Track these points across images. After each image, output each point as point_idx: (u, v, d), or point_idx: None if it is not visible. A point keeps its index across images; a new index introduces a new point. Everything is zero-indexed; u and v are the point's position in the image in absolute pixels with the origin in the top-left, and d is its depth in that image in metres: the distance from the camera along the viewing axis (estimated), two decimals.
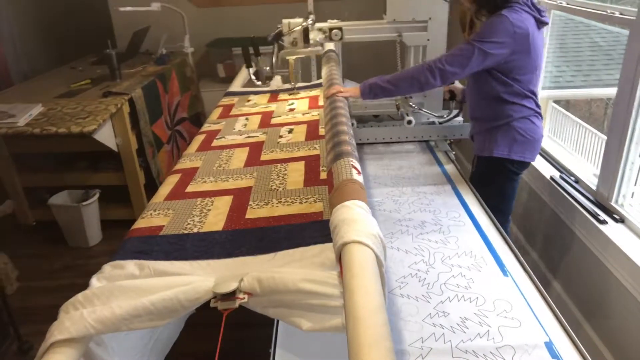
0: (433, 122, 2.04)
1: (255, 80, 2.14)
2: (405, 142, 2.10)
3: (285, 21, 1.91)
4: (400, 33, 1.89)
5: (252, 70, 2.11)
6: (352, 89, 1.69)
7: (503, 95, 1.59)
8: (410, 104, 1.96)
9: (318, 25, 1.92)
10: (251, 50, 2.23)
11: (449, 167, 1.88)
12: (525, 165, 1.69)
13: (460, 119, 2.06)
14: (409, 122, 1.89)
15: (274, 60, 1.96)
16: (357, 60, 3.56)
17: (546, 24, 1.55)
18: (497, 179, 1.70)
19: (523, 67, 1.55)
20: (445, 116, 2.01)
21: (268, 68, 2.27)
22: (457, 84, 2.00)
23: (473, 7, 1.59)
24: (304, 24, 1.87)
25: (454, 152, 1.99)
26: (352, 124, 1.95)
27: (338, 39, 1.91)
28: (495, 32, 1.47)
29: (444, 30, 1.87)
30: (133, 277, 0.97)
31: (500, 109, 1.61)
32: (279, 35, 1.89)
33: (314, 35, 1.90)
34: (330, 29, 1.91)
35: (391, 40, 1.97)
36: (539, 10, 1.53)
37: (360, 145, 2.07)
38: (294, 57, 2.01)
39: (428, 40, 1.89)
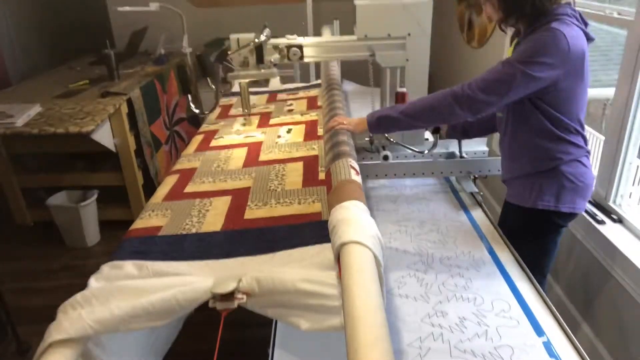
0: (453, 154, 1.72)
1: (194, 109, 1.84)
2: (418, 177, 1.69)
3: (233, 37, 1.58)
4: (372, 52, 1.55)
5: (190, 97, 1.84)
6: (356, 120, 1.44)
7: (550, 131, 1.28)
8: (387, 136, 1.64)
9: (273, 42, 1.60)
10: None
11: (478, 215, 1.52)
12: (573, 216, 1.38)
13: (484, 148, 1.76)
14: (385, 157, 1.58)
15: (218, 84, 1.71)
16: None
17: (593, 40, 1.27)
18: (538, 233, 1.39)
19: (573, 96, 1.26)
20: (426, 151, 1.66)
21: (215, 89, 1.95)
22: None
23: (497, 16, 1.30)
24: (257, 40, 1.55)
25: (481, 194, 1.64)
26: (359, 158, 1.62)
27: (297, 58, 1.59)
28: (547, 50, 1.17)
29: (426, 48, 1.53)
30: (131, 278, 0.97)
31: (545, 149, 1.31)
32: (223, 55, 1.67)
33: (269, 55, 1.60)
34: (288, 47, 1.59)
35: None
36: (585, 24, 1.26)
37: (367, 181, 1.70)
38: (245, 80, 1.71)
39: (407, 60, 1.55)
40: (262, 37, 1.56)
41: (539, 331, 1.02)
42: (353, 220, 0.93)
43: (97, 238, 2.75)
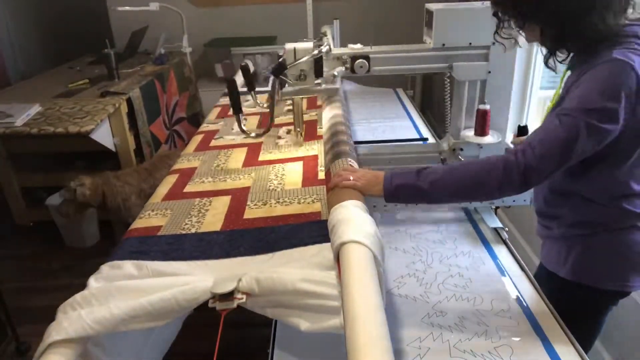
0: None
1: (248, 133, 1.43)
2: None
3: (289, 46, 1.37)
4: (450, 64, 1.36)
5: (242, 117, 1.38)
6: (370, 176, 1.10)
7: (600, 190, 1.04)
8: (461, 157, 1.44)
9: (335, 52, 1.38)
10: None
11: (504, 257, 1.30)
12: (624, 295, 1.12)
13: None
14: None
15: (275, 100, 1.36)
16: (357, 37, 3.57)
17: None
18: (576, 311, 1.11)
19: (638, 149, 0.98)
20: None
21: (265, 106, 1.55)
22: None
23: (544, 45, 1.02)
24: (316, 51, 1.33)
25: (506, 230, 1.40)
26: None
27: (364, 71, 1.36)
28: (612, 90, 0.89)
29: (511, 59, 1.35)
30: (131, 278, 0.97)
31: (601, 210, 1.05)
32: (281, 68, 1.33)
33: (330, 66, 1.38)
34: (353, 58, 1.35)
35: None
36: None
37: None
38: (301, 96, 1.49)
39: (489, 72, 1.35)
40: (324, 48, 1.34)
41: (538, 331, 1.02)
42: (353, 219, 0.93)
43: (97, 238, 2.75)
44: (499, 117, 1.41)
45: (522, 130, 1.47)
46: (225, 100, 2.33)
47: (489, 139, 1.37)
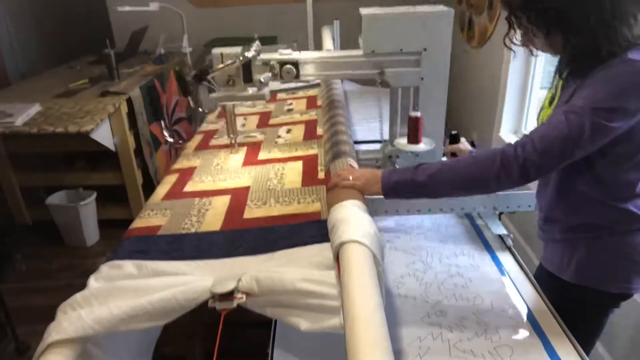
0: None
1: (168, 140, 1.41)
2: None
3: (216, 51, 1.37)
4: (382, 70, 1.32)
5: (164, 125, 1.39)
6: (369, 174, 1.10)
7: (607, 191, 1.02)
8: (396, 165, 1.40)
9: (263, 57, 1.36)
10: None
11: (509, 264, 1.26)
12: (626, 297, 1.11)
13: None
14: (390, 156, 1.40)
15: (197, 107, 1.37)
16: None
17: None
18: (577, 313, 1.09)
19: None
20: None
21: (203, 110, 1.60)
22: (465, 144, 1.46)
23: (561, 57, 1.01)
24: (245, 54, 1.31)
25: (511, 236, 1.38)
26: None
27: (291, 77, 1.34)
28: (623, 90, 0.88)
29: (445, 65, 1.31)
30: (131, 277, 0.97)
31: (598, 212, 1.04)
32: (203, 74, 1.30)
33: (258, 72, 1.34)
34: (281, 64, 1.34)
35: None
36: None
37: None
38: (230, 103, 1.47)
39: (422, 79, 1.31)
40: (251, 52, 1.32)
41: (538, 331, 1.02)
42: (352, 219, 0.93)
43: (97, 237, 2.76)
44: (434, 124, 1.35)
45: (454, 138, 1.47)
46: None
47: (422, 146, 1.32)
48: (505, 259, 1.29)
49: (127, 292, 0.90)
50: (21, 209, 2.84)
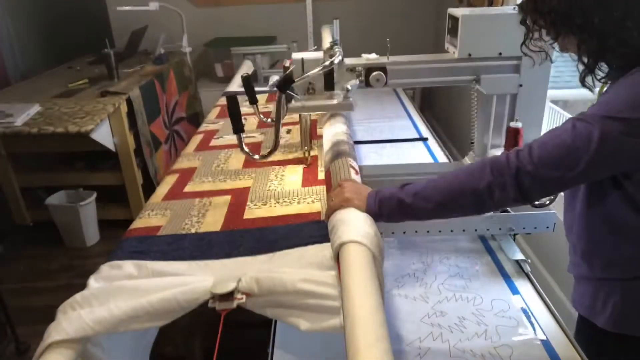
0: None
1: (251, 155, 1.26)
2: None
3: (296, 56, 1.21)
4: (477, 76, 1.22)
5: (243, 136, 1.21)
6: (359, 192, 0.99)
7: (637, 225, 0.86)
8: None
9: (348, 62, 1.23)
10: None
11: (528, 293, 1.15)
12: None
13: None
14: None
15: (281, 118, 1.20)
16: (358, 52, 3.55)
17: None
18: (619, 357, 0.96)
19: None
20: None
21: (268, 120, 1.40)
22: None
23: (582, 58, 0.85)
24: (327, 62, 1.15)
25: (528, 261, 1.25)
26: None
27: (381, 85, 1.22)
28: None
29: (546, 71, 1.21)
30: (131, 278, 0.97)
31: (628, 249, 0.88)
32: (288, 82, 1.16)
33: (342, 79, 1.21)
34: (368, 70, 1.21)
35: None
36: None
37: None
38: (312, 114, 1.31)
39: (520, 86, 1.22)
40: (337, 57, 1.17)
41: (538, 331, 1.02)
42: (352, 219, 0.93)
43: (97, 238, 2.75)
44: (531, 135, 1.23)
45: None
46: (225, 100, 2.33)
47: None
48: (524, 288, 1.16)
49: (127, 292, 0.90)
50: (21, 209, 2.84)
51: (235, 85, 2.62)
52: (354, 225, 0.90)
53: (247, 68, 2.96)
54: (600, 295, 0.93)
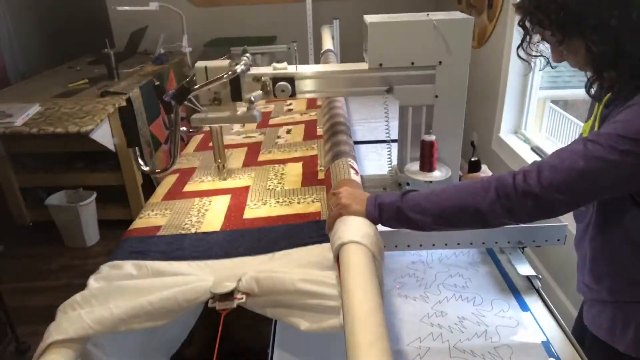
0: None
1: (143, 166, 1.26)
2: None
3: (199, 64, 1.17)
4: (390, 86, 1.16)
5: (137, 151, 1.21)
6: (357, 196, 0.96)
7: None
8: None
9: (254, 72, 1.18)
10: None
11: (539, 311, 1.08)
12: None
13: None
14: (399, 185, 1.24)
15: (177, 131, 1.17)
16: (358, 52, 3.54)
17: None
18: None
19: None
20: None
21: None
22: (487, 172, 1.24)
23: (592, 68, 0.80)
24: (234, 69, 1.12)
25: (539, 278, 1.18)
26: None
27: (286, 95, 1.18)
28: None
29: (462, 81, 1.16)
30: (131, 278, 0.97)
31: None
32: (184, 92, 1.11)
33: (248, 90, 1.17)
34: (274, 80, 1.17)
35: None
36: None
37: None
38: (216, 125, 1.29)
39: (436, 97, 1.16)
40: (240, 66, 1.13)
41: (538, 331, 1.02)
42: (352, 220, 0.93)
43: (97, 238, 2.75)
44: (449, 148, 1.20)
45: (473, 165, 1.24)
46: None
47: (437, 174, 1.17)
48: (534, 305, 1.11)
49: (127, 292, 0.90)
50: (21, 209, 2.84)
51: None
52: (354, 226, 0.90)
53: None
54: (619, 318, 0.89)
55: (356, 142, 1.97)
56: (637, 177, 0.72)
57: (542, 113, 2.27)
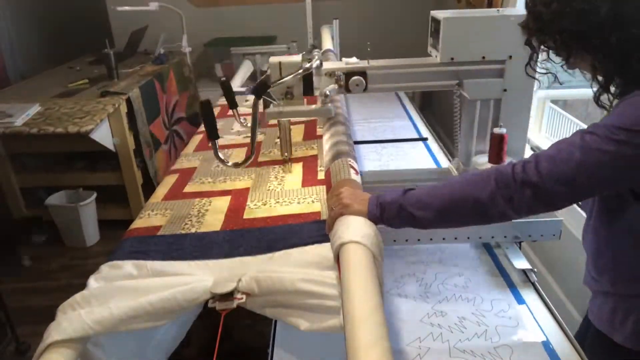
0: None
1: (225, 162, 1.20)
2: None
3: (273, 60, 1.18)
4: (460, 80, 1.19)
5: (217, 143, 1.15)
6: (358, 196, 0.96)
7: None
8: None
9: (327, 66, 1.20)
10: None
11: (535, 304, 1.10)
12: None
13: None
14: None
15: (257, 124, 1.16)
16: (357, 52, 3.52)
17: None
18: None
19: None
20: None
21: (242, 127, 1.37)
22: None
23: (599, 80, 0.80)
24: (306, 65, 1.15)
25: (534, 271, 1.19)
26: None
27: (360, 90, 1.19)
28: None
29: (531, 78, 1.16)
30: (131, 278, 0.97)
31: None
32: (264, 87, 1.13)
33: (321, 84, 1.19)
34: (347, 75, 1.18)
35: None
36: None
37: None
38: (289, 120, 1.32)
39: (505, 91, 1.19)
40: (315, 61, 1.15)
41: (538, 331, 1.02)
42: (352, 220, 0.93)
43: (97, 238, 2.75)
44: (516, 141, 1.22)
45: None
46: (225, 100, 2.33)
47: None
48: (530, 299, 1.12)
49: (127, 292, 0.90)
50: (21, 209, 2.84)
51: (235, 85, 2.62)
52: (354, 226, 0.90)
53: (247, 68, 2.97)
54: (620, 310, 0.90)
55: (356, 142, 1.98)
56: (634, 170, 0.72)
57: (541, 113, 2.27)
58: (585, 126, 1.86)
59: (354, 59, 1.22)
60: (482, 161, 1.23)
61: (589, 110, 2.22)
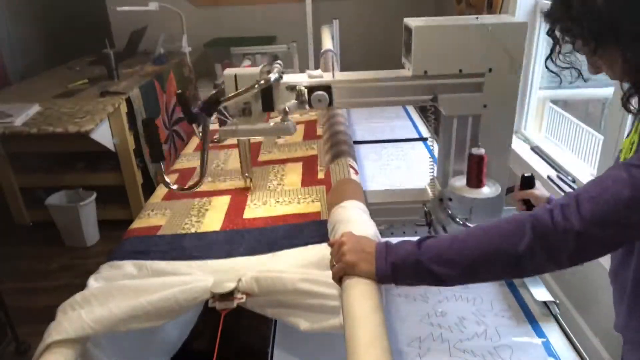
0: None
1: (170, 185, 1.14)
2: None
3: (228, 72, 1.10)
4: (435, 94, 1.08)
5: (162, 166, 1.11)
6: (363, 250, 0.79)
7: None
8: (449, 211, 1.15)
9: (288, 80, 1.09)
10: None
11: (557, 340, 1.00)
12: None
13: None
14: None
15: (207, 144, 1.08)
16: (357, 52, 3.50)
17: None
18: None
19: None
20: None
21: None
22: (542, 190, 1.02)
23: (631, 80, 0.69)
24: (266, 77, 1.05)
25: (557, 302, 1.09)
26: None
27: (324, 106, 1.08)
28: None
29: (513, 89, 1.07)
30: (131, 277, 0.97)
31: None
32: (214, 103, 1.04)
33: (281, 99, 1.09)
34: (310, 89, 1.07)
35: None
36: None
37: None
38: (246, 138, 1.24)
39: (485, 106, 1.07)
40: (273, 74, 1.05)
41: (538, 331, 1.02)
42: (352, 220, 0.93)
43: (97, 238, 2.75)
44: (497, 163, 1.10)
45: (527, 181, 1.04)
46: None
47: (486, 191, 1.06)
48: (552, 333, 1.01)
49: (127, 292, 0.90)
50: (21, 209, 2.84)
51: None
52: (354, 226, 0.90)
53: None
54: None
55: (356, 142, 1.97)
56: None
57: (542, 113, 2.27)
58: (585, 126, 1.84)
59: (318, 72, 1.12)
60: (459, 184, 1.10)
61: (588, 110, 2.22)
